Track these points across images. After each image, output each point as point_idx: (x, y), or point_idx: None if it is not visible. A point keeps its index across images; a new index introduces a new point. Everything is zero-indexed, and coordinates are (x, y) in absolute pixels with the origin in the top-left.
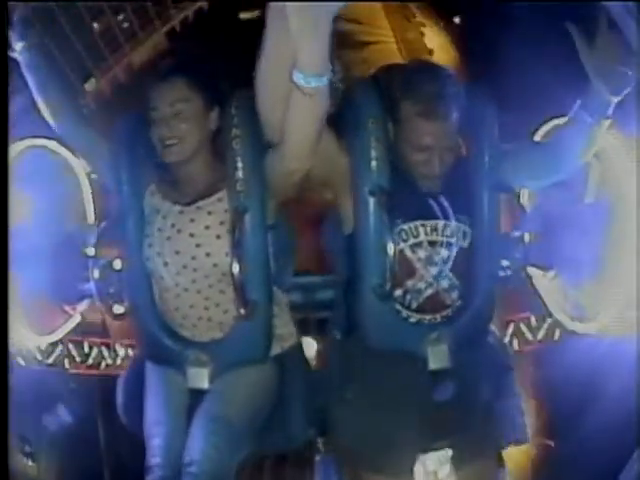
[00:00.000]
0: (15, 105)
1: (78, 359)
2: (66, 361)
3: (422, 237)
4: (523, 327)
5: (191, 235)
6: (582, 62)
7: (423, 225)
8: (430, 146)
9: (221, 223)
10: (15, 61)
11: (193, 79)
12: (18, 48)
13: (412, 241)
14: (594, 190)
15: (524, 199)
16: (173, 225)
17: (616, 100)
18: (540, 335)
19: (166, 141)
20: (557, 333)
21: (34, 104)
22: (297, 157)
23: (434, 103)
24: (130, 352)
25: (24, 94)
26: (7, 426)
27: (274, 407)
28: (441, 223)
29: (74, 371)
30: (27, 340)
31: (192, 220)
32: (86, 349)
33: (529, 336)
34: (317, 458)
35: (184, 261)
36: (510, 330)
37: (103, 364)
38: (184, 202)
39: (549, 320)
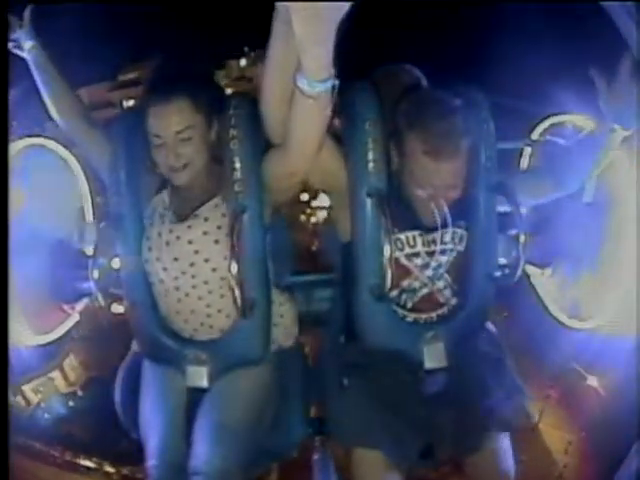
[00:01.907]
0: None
1: None
2: None
3: (419, 248)
4: None
5: (189, 242)
6: (600, 103)
7: (421, 235)
8: (436, 186)
9: (218, 228)
10: (16, 59)
11: (197, 99)
12: (27, 47)
13: (408, 250)
14: (592, 189)
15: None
16: (171, 231)
17: (627, 134)
18: None
19: (174, 167)
20: None
21: (34, 101)
22: (299, 158)
23: (443, 142)
24: None
25: (23, 90)
26: (7, 422)
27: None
28: (439, 232)
29: None
30: (25, 339)
31: (189, 227)
32: None
33: None
34: (315, 457)
35: (183, 267)
36: None
37: None
38: (180, 210)
39: None
